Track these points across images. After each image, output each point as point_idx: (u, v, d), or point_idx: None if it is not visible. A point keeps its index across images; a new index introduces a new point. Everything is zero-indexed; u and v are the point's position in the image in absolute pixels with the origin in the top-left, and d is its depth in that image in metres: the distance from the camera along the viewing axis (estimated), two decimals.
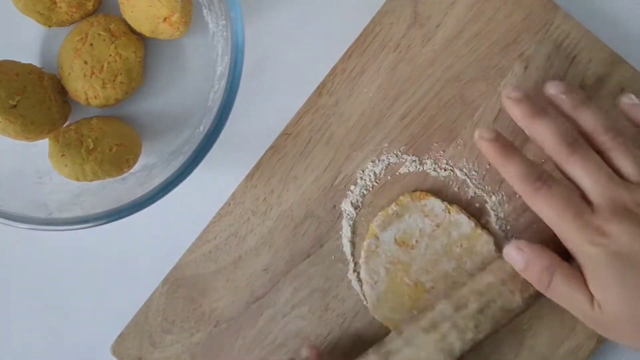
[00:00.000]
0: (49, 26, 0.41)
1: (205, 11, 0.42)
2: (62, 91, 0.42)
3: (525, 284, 0.37)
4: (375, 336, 0.42)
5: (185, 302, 0.43)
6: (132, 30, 0.42)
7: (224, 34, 0.39)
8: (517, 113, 0.37)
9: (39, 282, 0.45)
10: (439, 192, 0.42)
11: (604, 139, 0.36)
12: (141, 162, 0.42)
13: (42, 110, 0.40)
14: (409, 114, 0.43)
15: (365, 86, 0.43)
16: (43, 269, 0.45)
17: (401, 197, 0.42)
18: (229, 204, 0.43)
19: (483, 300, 0.38)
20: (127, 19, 0.41)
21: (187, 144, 0.40)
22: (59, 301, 0.45)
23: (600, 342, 0.42)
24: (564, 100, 0.37)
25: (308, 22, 0.44)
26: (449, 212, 0.41)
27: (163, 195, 0.37)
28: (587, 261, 0.34)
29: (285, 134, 0.43)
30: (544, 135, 0.36)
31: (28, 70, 0.40)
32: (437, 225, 0.41)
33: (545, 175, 0.35)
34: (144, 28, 0.41)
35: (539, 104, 0.37)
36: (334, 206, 0.43)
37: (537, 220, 0.38)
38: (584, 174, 0.34)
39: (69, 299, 0.44)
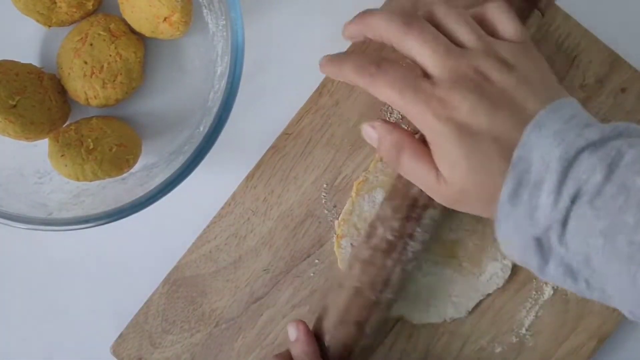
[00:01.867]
0: (49, 26, 0.41)
1: (205, 11, 0.42)
2: (62, 91, 0.42)
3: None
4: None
5: (185, 302, 0.43)
6: (132, 30, 0.42)
7: (224, 34, 0.39)
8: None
9: (39, 282, 0.45)
10: None
11: (438, 11, 0.35)
12: (141, 162, 0.42)
13: (42, 110, 0.40)
14: None
15: None
16: (43, 269, 0.45)
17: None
18: (229, 204, 0.43)
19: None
20: (127, 19, 0.41)
21: (187, 144, 0.40)
22: (59, 301, 0.45)
23: (601, 342, 0.42)
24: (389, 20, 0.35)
25: (308, 22, 0.44)
26: None
27: (163, 195, 0.37)
28: (433, 135, 0.33)
29: (285, 134, 0.43)
30: (378, 25, 0.35)
31: (28, 70, 0.40)
32: None
33: (378, 59, 0.34)
34: (144, 28, 0.41)
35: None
36: (334, 206, 0.43)
37: None
38: (421, 47, 0.33)
39: (69, 299, 0.44)
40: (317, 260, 0.43)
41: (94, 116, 0.42)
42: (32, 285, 0.45)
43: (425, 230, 0.38)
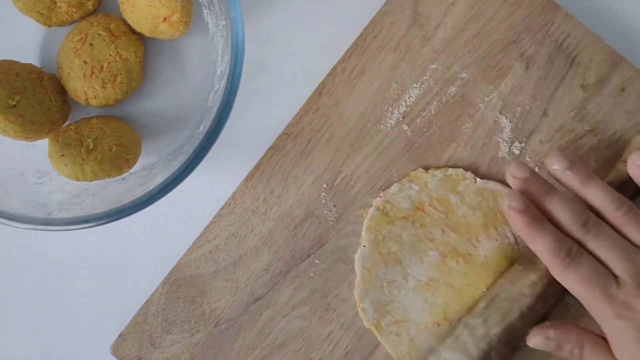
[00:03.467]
0: (49, 26, 0.41)
1: (205, 11, 0.42)
2: (62, 91, 0.42)
3: (525, 272, 0.38)
4: (375, 336, 0.42)
5: (185, 302, 0.43)
6: (132, 30, 0.42)
7: (224, 34, 0.39)
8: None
9: (39, 282, 0.45)
10: None
11: (616, 215, 0.37)
12: (141, 162, 0.42)
13: (42, 110, 0.40)
14: (409, 114, 0.43)
15: (365, 86, 0.43)
16: (43, 269, 0.45)
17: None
18: (229, 204, 0.43)
19: (488, 296, 0.39)
20: (127, 19, 0.41)
21: (187, 144, 0.40)
22: (59, 301, 0.45)
23: None
24: (569, 176, 0.38)
25: (308, 22, 0.44)
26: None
27: (163, 195, 0.37)
28: (614, 332, 0.35)
29: (285, 134, 0.43)
30: (557, 218, 0.37)
31: (28, 70, 0.40)
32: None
33: (574, 249, 0.36)
34: (144, 28, 0.41)
35: (537, 214, 0.37)
36: (334, 206, 0.43)
37: None
38: (603, 252, 0.36)
39: (69, 299, 0.44)
40: (317, 260, 0.43)
41: (94, 116, 0.42)
42: (32, 285, 0.45)
43: None
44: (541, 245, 0.36)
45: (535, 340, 0.37)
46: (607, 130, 0.42)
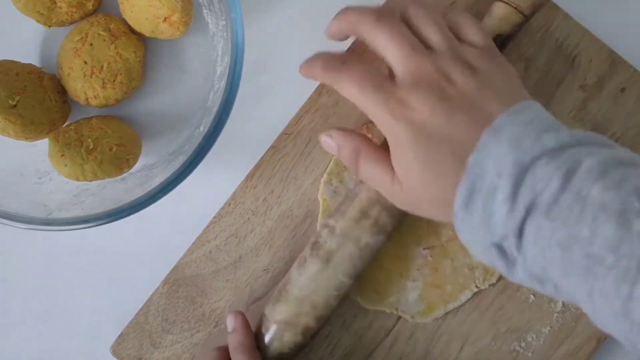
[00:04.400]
0: (49, 26, 0.41)
1: (205, 11, 0.42)
2: (62, 91, 0.42)
3: None
4: (375, 336, 0.42)
5: (185, 302, 0.43)
6: (132, 30, 0.42)
7: (224, 34, 0.39)
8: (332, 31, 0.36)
9: (39, 282, 0.45)
10: None
11: (411, 11, 0.34)
12: (141, 162, 0.42)
13: (42, 110, 0.40)
14: None
15: None
16: (43, 269, 0.45)
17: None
18: (229, 204, 0.43)
19: None
20: (127, 18, 0.41)
21: (187, 144, 0.40)
22: (59, 301, 0.45)
23: (600, 342, 0.42)
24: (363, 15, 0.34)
25: (308, 22, 0.44)
26: None
27: (163, 195, 0.37)
28: (391, 136, 0.33)
29: (285, 134, 0.43)
30: (353, 20, 0.34)
31: (28, 70, 0.40)
32: None
33: (345, 56, 0.35)
34: (144, 28, 0.41)
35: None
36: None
37: None
38: (389, 44, 0.33)
39: (69, 299, 0.44)
40: None
41: (94, 116, 0.42)
42: (32, 285, 0.45)
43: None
44: (317, 67, 0.35)
45: (322, 138, 0.36)
46: (607, 130, 0.42)
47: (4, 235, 0.44)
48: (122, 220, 0.37)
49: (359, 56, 0.34)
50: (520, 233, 0.29)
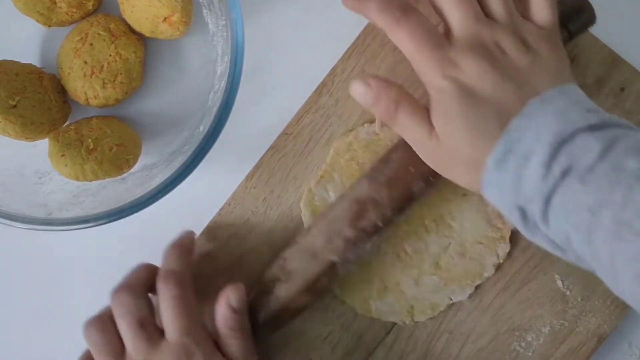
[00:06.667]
0: (49, 26, 0.41)
1: (205, 11, 0.42)
2: (62, 91, 0.42)
3: None
4: (375, 336, 0.42)
5: None
6: (132, 30, 0.42)
7: (224, 34, 0.39)
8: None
9: (39, 282, 0.45)
10: None
11: None
12: (141, 162, 0.42)
13: (42, 110, 0.40)
14: None
15: None
16: (43, 269, 0.45)
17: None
18: (229, 204, 0.43)
19: None
20: (127, 19, 0.41)
21: (187, 144, 0.40)
22: (59, 301, 0.45)
23: (600, 342, 0.42)
24: None
25: (308, 22, 0.44)
26: None
27: (163, 195, 0.37)
28: (435, 92, 0.33)
29: (285, 134, 0.43)
30: None
31: (28, 70, 0.40)
32: None
33: (406, 5, 0.34)
34: (144, 28, 0.41)
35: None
36: None
37: None
38: (454, 6, 0.34)
39: (69, 299, 0.44)
40: None
41: (94, 116, 0.42)
42: (32, 285, 0.45)
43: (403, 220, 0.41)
44: (372, 6, 0.34)
45: (355, 86, 0.35)
46: None
47: (4, 235, 0.44)
48: (122, 220, 0.37)
49: (414, 9, 0.34)
50: (549, 197, 0.30)
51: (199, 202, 0.43)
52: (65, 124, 0.42)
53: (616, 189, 0.28)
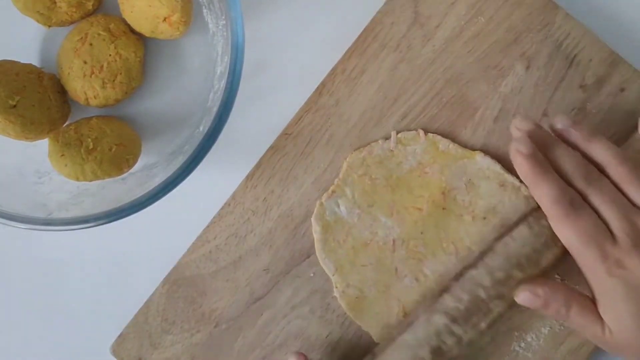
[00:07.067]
0: (49, 26, 0.41)
1: (205, 11, 0.42)
2: (62, 91, 0.42)
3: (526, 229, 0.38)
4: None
5: (185, 302, 0.43)
6: (132, 30, 0.42)
7: (224, 33, 0.39)
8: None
9: (39, 282, 0.45)
10: None
11: (619, 171, 0.36)
12: (141, 162, 0.42)
13: (42, 110, 0.40)
14: (409, 114, 0.43)
15: (365, 86, 0.43)
16: (43, 269, 0.45)
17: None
18: (229, 204, 0.43)
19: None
20: (127, 19, 0.41)
21: (187, 144, 0.40)
22: (59, 301, 0.45)
23: None
24: (573, 134, 0.38)
25: (308, 22, 0.44)
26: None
27: (163, 195, 0.37)
28: (603, 290, 0.35)
29: (285, 134, 0.43)
30: (561, 168, 0.36)
31: (28, 70, 0.40)
32: None
33: (577, 200, 0.36)
34: (144, 28, 0.41)
35: (543, 160, 0.37)
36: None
37: None
38: (603, 207, 0.36)
39: (69, 299, 0.44)
40: (317, 261, 0.43)
41: (94, 116, 0.42)
42: (32, 285, 0.45)
43: None
44: (545, 191, 0.35)
45: (522, 295, 0.37)
46: (608, 130, 0.42)
47: (4, 235, 0.44)
48: (122, 220, 0.37)
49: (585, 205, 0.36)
50: None
51: (199, 202, 0.43)
52: (65, 124, 0.42)
53: None
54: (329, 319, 0.42)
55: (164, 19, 0.39)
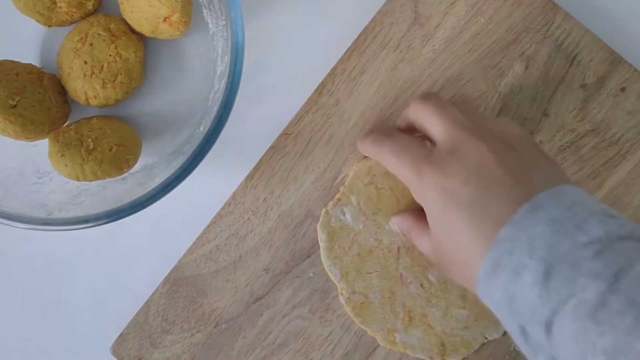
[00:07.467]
0: (49, 26, 0.41)
1: (205, 11, 0.42)
2: (62, 91, 0.42)
3: None
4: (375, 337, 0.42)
5: (185, 302, 0.43)
6: (132, 30, 0.42)
7: (224, 34, 0.39)
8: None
9: (39, 282, 0.45)
10: None
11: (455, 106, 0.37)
12: (141, 162, 0.42)
13: (42, 110, 0.40)
14: None
15: (365, 86, 0.43)
16: (43, 269, 0.45)
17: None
18: (229, 204, 0.43)
19: None
20: (127, 19, 0.41)
21: (187, 144, 0.40)
22: (59, 301, 0.45)
23: None
24: (400, 120, 0.40)
25: (308, 22, 0.44)
26: None
27: (163, 195, 0.37)
28: (424, 201, 0.34)
29: (285, 134, 0.43)
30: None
31: (28, 70, 0.40)
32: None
33: (391, 130, 0.38)
34: (144, 28, 0.41)
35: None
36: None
37: None
38: (433, 117, 0.35)
39: (69, 299, 0.44)
40: (317, 261, 0.43)
41: (94, 116, 0.42)
42: (32, 285, 0.45)
43: None
44: (367, 144, 0.38)
45: (391, 224, 0.41)
46: (608, 130, 0.42)
47: (4, 235, 0.44)
48: (122, 220, 0.37)
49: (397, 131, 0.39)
50: (549, 325, 0.26)
51: (199, 202, 0.43)
52: (65, 124, 0.42)
53: (636, 334, 0.24)
54: (329, 319, 0.42)
55: (164, 19, 0.39)
